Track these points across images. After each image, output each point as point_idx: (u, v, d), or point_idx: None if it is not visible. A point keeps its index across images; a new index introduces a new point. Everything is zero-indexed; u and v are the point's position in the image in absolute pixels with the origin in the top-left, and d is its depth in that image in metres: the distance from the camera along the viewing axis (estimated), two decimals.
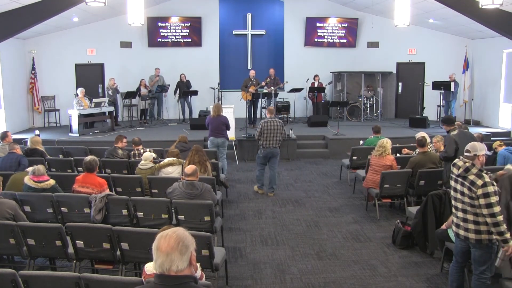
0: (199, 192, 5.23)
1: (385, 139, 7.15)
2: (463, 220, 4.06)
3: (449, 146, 6.37)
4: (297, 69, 14.67)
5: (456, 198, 4.14)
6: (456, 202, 4.14)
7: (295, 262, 5.43)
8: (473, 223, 3.97)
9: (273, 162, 8.00)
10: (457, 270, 4.35)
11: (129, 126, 12.98)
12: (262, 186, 8.28)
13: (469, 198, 3.95)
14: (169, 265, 2.08)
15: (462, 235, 4.08)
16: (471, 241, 4.01)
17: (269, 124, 7.81)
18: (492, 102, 13.60)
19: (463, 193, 4.01)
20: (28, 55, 13.50)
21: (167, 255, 2.08)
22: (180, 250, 2.10)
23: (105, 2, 8.91)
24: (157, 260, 2.10)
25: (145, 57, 14.42)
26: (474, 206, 3.94)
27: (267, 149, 7.86)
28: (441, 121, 6.79)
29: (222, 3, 14.84)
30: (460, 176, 4.03)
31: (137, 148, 7.85)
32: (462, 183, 4.02)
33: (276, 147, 7.91)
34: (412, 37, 14.62)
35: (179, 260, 2.09)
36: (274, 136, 7.82)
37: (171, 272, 2.08)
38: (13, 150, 6.97)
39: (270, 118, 8.03)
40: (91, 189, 5.49)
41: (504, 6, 8.89)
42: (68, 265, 4.89)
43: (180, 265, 2.09)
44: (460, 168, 4.02)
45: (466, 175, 3.97)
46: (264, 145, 7.85)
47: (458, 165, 4.07)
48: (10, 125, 11.97)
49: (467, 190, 3.95)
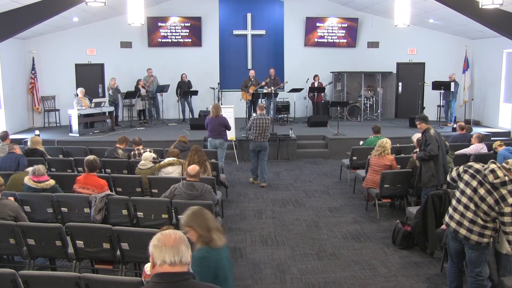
0: (199, 193, 5.24)
1: (384, 139, 7.15)
2: (470, 221, 3.92)
3: (434, 145, 6.20)
4: (297, 69, 14.68)
5: (463, 192, 3.98)
6: (462, 195, 3.99)
7: (295, 262, 5.44)
8: (480, 227, 3.88)
9: (263, 155, 8.68)
10: (455, 270, 4.33)
11: (129, 126, 12.98)
12: (256, 177, 8.89)
13: (488, 207, 3.82)
14: (180, 256, 2.12)
15: (462, 234, 3.98)
16: (470, 242, 3.94)
17: (259, 121, 8.46)
18: (492, 102, 13.61)
19: (482, 198, 3.85)
20: (28, 55, 13.50)
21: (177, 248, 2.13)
22: (186, 244, 2.18)
23: (105, 2, 8.92)
24: (165, 256, 2.12)
25: (145, 57, 14.42)
26: (485, 212, 3.83)
27: (256, 142, 8.56)
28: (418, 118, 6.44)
29: (222, 3, 14.84)
30: (492, 184, 3.82)
31: (137, 148, 7.85)
32: (488, 190, 3.84)
33: (264, 141, 8.61)
34: (412, 37, 14.62)
35: (187, 252, 2.15)
36: (263, 132, 8.51)
37: (177, 266, 2.11)
38: (12, 150, 6.97)
39: (260, 115, 8.61)
40: (92, 191, 5.49)
41: (504, 6, 8.89)
42: (68, 265, 4.89)
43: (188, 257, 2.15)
44: (499, 179, 3.80)
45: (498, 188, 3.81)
46: (254, 139, 8.54)
47: (497, 174, 3.82)
48: (10, 125, 11.98)
49: (492, 200, 3.80)
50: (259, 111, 8.73)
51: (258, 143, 8.56)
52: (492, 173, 3.84)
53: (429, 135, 6.26)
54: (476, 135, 8.47)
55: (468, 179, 3.99)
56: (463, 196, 4.00)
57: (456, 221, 4.02)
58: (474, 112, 14.09)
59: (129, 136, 8.89)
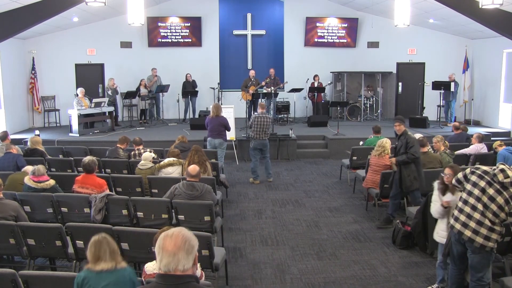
0: (199, 194, 5.24)
1: (384, 139, 7.15)
2: (477, 222, 3.87)
3: (417, 147, 6.14)
4: (297, 69, 14.67)
5: (471, 193, 3.94)
6: (470, 196, 3.94)
7: (295, 262, 5.44)
8: (487, 229, 3.83)
9: (265, 152, 8.85)
10: (457, 273, 4.27)
11: (129, 126, 12.98)
12: (257, 177, 8.91)
13: (498, 207, 3.80)
14: (175, 264, 2.06)
15: (466, 236, 3.91)
16: (475, 244, 3.87)
17: (260, 119, 8.63)
18: (492, 102, 13.60)
19: (492, 198, 3.82)
20: (28, 55, 13.50)
21: (174, 255, 2.07)
22: (187, 249, 2.09)
23: (105, 2, 8.92)
24: (162, 260, 2.08)
25: (145, 57, 14.42)
26: (494, 213, 3.81)
27: (257, 140, 8.68)
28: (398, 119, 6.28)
29: (222, 3, 14.84)
30: (502, 183, 3.82)
31: (137, 148, 7.85)
32: (498, 190, 3.82)
33: (265, 139, 8.76)
34: (412, 37, 14.62)
35: (185, 259, 2.08)
36: (263, 130, 8.66)
37: (177, 272, 2.07)
38: (9, 150, 6.94)
39: (261, 113, 8.75)
40: (91, 190, 5.49)
41: (504, 6, 8.89)
42: (68, 265, 4.89)
43: (186, 265, 2.08)
44: (509, 178, 3.79)
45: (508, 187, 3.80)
46: (255, 137, 8.67)
47: (507, 173, 3.81)
48: (10, 125, 11.98)
49: (502, 200, 3.79)
50: (260, 110, 8.83)
51: (259, 141, 8.67)
52: (502, 172, 3.82)
53: (410, 137, 6.16)
54: (476, 135, 8.47)
55: (476, 180, 3.95)
56: (470, 197, 3.95)
57: (462, 222, 3.97)
58: (474, 112, 14.09)
59: (129, 136, 8.89)
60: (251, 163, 8.96)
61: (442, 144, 7.53)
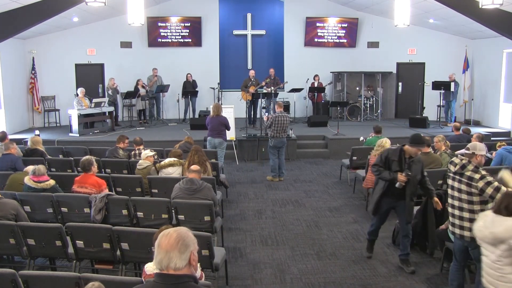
0: (198, 187, 5.23)
1: (384, 139, 7.12)
2: (459, 218, 4.07)
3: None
4: (297, 69, 14.66)
5: (453, 196, 4.15)
6: (453, 200, 4.15)
7: (295, 262, 5.43)
8: (468, 221, 3.97)
9: (281, 150, 9.05)
10: (457, 269, 4.33)
11: (129, 126, 12.98)
12: (276, 175, 9.09)
13: (467, 194, 3.97)
14: (167, 262, 2.10)
15: (457, 234, 4.09)
16: (466, 239, 4.01)
17: (280, 119, 8.79)
18: (492, 102, 13.61)
19: (460, 190, 4.03)
20: (28, 55, 13.50)
21: (166, 253, 2.10)
22: (180, 248, 2.12)
23: (105, 2, 8.91)
24: (157, 257, 2.13)
25: (145, 57, 14.42)
26: (472, 202, 3.94)
27: (277, 139, 8.87)
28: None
29: (222, 3, 14.84)
30: (457, 173, 4.05)
31: (138, 148, 7.84)
32: (459, 180, 4.04)
33: (284, 138, 8.99)
34: (412, 37, 14.62)
35: (178, 258, 2.10)
36: (283, 129, 8.87)
37: (170, 270, 2.10)
38: (8, 151, 6.87)
39: (280, 112, 8.94)
40: (90, 189, 5.48)
41: (504, 6, 8.89)
42: (68, 265, 4.89)
43: (178, 264, 2.10)
44: (457, 165, 4.04)
45: (462, 172, 3.99)
46: (275, 136, 8.85)
47: (455, 162, 4.09)
48: (10, 125, 11.99)
49: (465, 186, 3.98)
50: (279, 109, 9.00)
51: (279, 139, 8.87)
52: (451, 165, 4.09)
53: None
54: (476, 135, 8.44)
55: (451, 183, 4.16)
56: (454, 200, 4.13)
57: (458, 226, 4.08)
58: (474, 112, 14.09)
59: (129, 136, 8.88)
60: (270, 161, 9.11)
61: (443, 144, 7.52)
